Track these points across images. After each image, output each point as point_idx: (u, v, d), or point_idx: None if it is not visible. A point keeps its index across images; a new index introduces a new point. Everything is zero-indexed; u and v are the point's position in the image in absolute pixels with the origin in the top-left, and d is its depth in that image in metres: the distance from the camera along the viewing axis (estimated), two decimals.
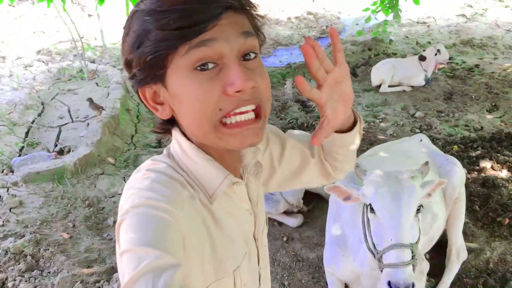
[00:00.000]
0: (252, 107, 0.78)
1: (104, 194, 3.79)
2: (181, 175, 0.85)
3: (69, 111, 5.18)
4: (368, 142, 4.51)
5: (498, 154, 4.23)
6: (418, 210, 1.83)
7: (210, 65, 0.74)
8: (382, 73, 5.82)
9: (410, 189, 1.81)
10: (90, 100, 4.71)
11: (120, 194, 3.82)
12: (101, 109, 4.66)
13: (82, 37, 6.63)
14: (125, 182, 3.98)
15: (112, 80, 5.53)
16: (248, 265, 0.95)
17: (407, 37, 7.76)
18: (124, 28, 0.79)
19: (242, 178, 0.96)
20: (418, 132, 4.58)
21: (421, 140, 3.33)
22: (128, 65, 0.79)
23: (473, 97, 5.45)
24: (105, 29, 7.62)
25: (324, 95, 0.81)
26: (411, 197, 1.79)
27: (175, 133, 0.88)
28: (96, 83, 5.89)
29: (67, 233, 3.27)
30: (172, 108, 0.82)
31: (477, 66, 6.28)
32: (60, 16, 6.01)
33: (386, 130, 4.80)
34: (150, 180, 0.80)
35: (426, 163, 1.99)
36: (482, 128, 4.76)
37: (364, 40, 7.10)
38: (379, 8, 5.77)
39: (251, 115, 0.79)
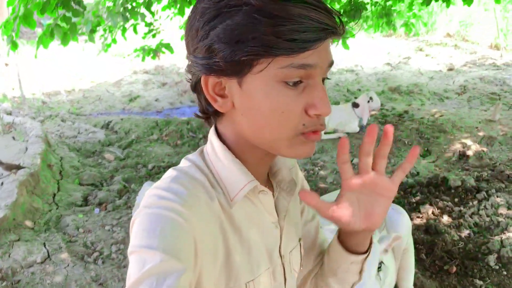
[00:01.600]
0: None
1: (20, 265, 3.30)
2: (205, 175, 0.83)
3: None
4: None
5: (437, 199, 4.24)
6: (379, 268, 1.68)
7: (298, 80, 0.74)
8: None
9: None
10: None
11: (39, 263, 3.37)
12: (15, 170, 4.16)
13: None
14: (45, 248, 3.55)
15: (31, 134, 5.06)
16: (272, 283, 0.90)
17: (337, 84, 7.92)
18: (207, 12, 0.73)
19: (273, 191, 0.93)
20: None
21: None
22: (209, 51, 0.73)
23: (406, 142, 5.54)
24: (24, 79, 7.13)
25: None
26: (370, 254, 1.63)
27: (211, 131, 0.87)
28: (13, 137, 5.38)
29: None
30: (234, 104, 0.78)
31: (406, 112, 6.46)
32: None
33: (326, 178, 4.71)
34: (169, 179, 0.78)
35: None
36: (418, 173, 4.79)
37: None
38: None
39: None
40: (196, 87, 0.83)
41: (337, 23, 0.73)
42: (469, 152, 5.18)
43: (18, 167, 4.18)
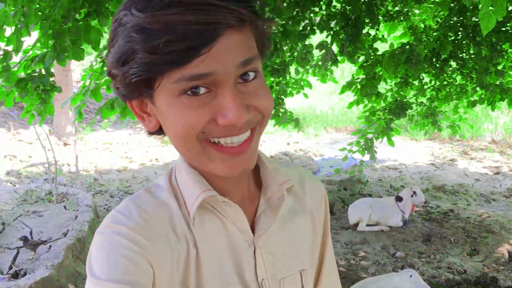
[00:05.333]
0: (246, 135, 0.71)
1: None
2: (173, 189, 0.80)
3: (31, 233, 4.82)
4: (349, 280, 4.26)
5: None
6: None
7: (202, 90, 0.66)
8: (359, 211, 5.76)
9: None
10: (24, 239, 4.06)
11: None
12: (35, 246, 4.05)
13: (58, 161, 6.49)
14: None
15: (82, 203, 5.28)
16: None
17: (380, 180, 7.92)
18: (109, 34, 0.69)
19: (256, 208, 0.86)
20: None
21: (410, 276, 3.16)
22: (111, 77, 0.70)
23: (452, 240, 5.37)
24: (80, 157, 7.54)
25: None
26: None
27: None
28: (64, 206, 5.61)
29: None
30: (159, 122, 0.75)
31: (451, 210, 6.33)
32: (38, 138, 5.96)
33: (367, 269, 4.58)
34: (128, 199, 0.76)
35: None
36: (465, 271, 4.59)
37: (340, 179, 7.19)
38: (356, 149, 5.97)
39: (246, 135, 0.71)
40: None
41: (232, 12, 0.62)
42: None
43: (44, 242, 4.23)
